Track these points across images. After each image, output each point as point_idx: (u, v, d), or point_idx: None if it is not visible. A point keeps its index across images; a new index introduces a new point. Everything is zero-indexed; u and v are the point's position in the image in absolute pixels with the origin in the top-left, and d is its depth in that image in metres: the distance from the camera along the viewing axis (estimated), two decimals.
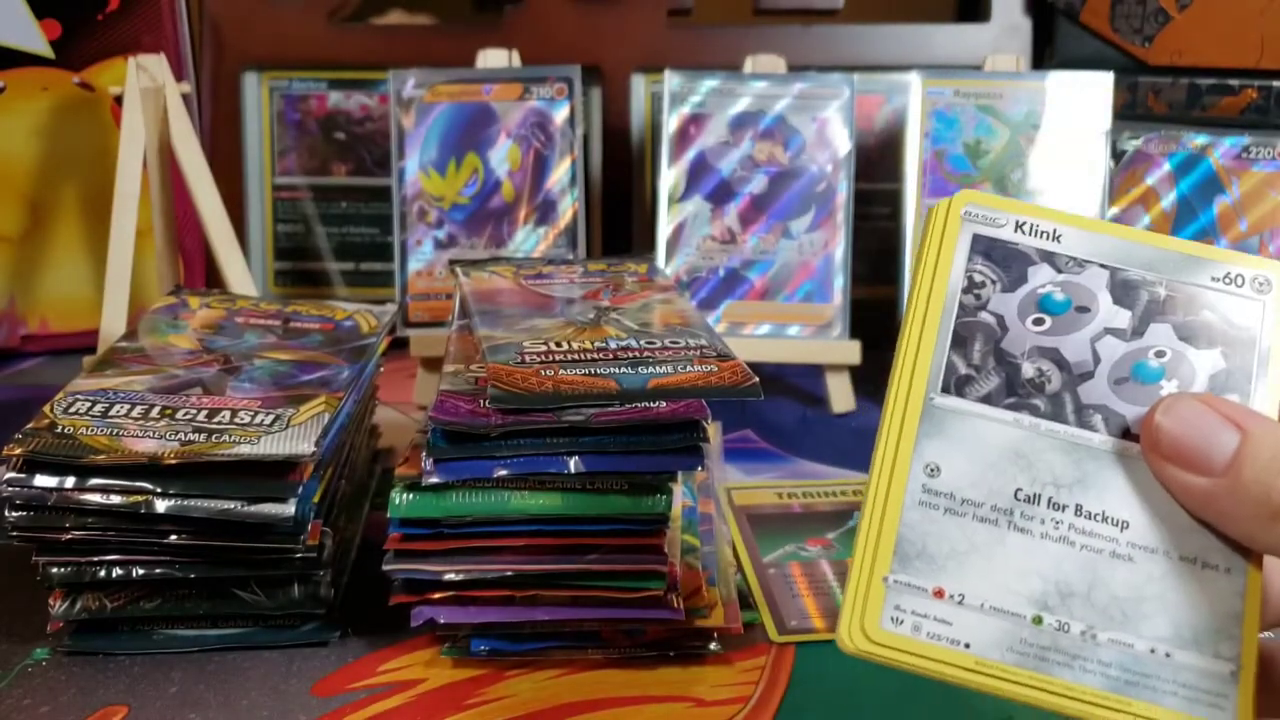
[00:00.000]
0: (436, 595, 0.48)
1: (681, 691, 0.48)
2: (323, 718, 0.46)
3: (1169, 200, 0.78)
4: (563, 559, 0.48)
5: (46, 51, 0.85)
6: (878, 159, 0.90)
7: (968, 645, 0.31)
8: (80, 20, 0.85)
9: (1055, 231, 0.36)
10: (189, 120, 0.77)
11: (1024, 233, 0.36)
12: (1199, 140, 0.78)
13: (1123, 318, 0.35)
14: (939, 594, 0.32)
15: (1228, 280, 0.35)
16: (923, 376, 0.34)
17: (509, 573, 0.47)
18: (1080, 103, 0.78)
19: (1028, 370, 0.34)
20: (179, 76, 0.80)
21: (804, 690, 0.48)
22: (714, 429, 0.72)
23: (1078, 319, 0.35)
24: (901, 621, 0.32)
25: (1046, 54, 0.90)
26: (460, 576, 0.47)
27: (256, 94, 0.94)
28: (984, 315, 0.35)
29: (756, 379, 0.48)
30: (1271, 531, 0.30)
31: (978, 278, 0.35)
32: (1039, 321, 0.35)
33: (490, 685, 0.48)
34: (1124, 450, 0.33)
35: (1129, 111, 0.82)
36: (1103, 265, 0.35)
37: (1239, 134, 0.77)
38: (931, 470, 0.33)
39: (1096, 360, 0.34)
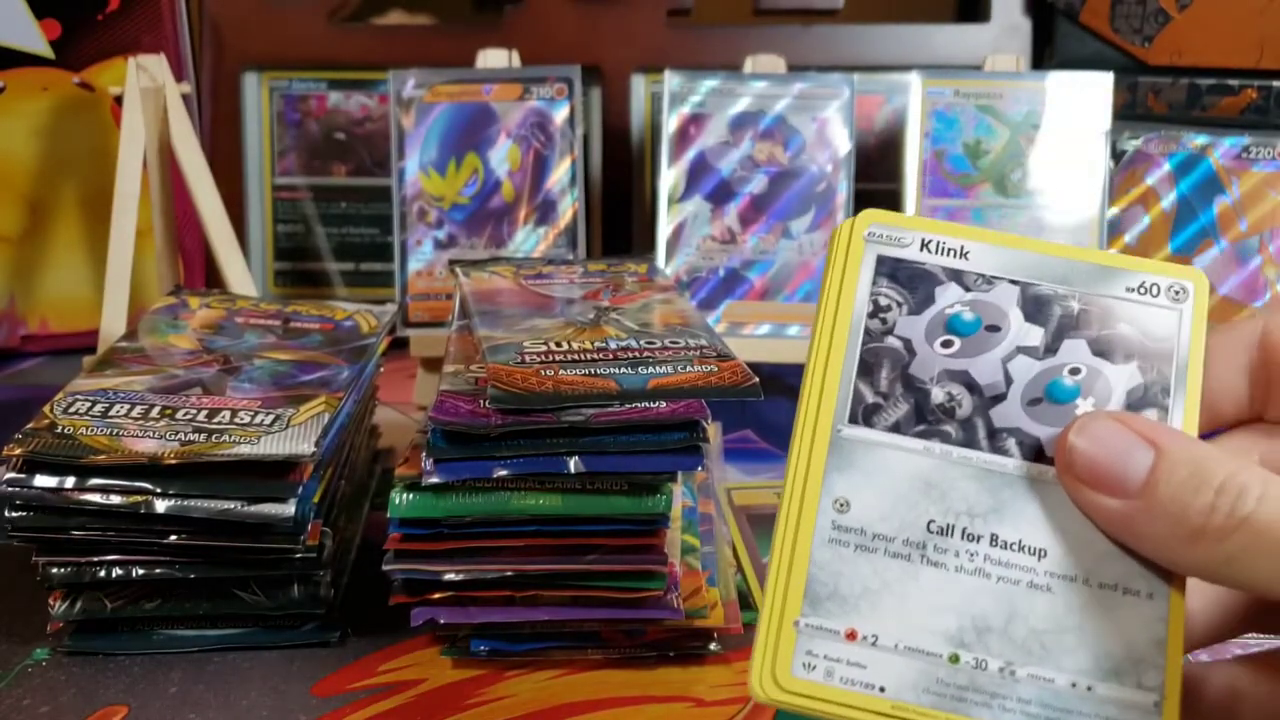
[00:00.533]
0: (436, 595, 0.48)
1: (681, 691, 0.48)
2: (323, 718, 0.46)
3: (1169, 200, 0.78)
4: (563, 559, 0.48)
5: (46, 51, 0.85)
6: (878, 159, 0.90)
7: (883, 689, 0.30)
8: (80, 20, 0.85)
9: (963, 248, 0.34)
10: (189, 120, 0.77)
11: (930, 251, 0.34)
12: (1199, 140, 0.78)
13: (1035, 335, 0.33)
14: (851, 636, 0.30)
15: (1143, 290, 0.33)
16: (829, 407, 0.32)
17: (509, 573, 0.47)
18: (1080, 103, 0.78)
19: (937, 395, 0.33)
20: (179, 76, 0.80)
21: None
22: (714, 429, 0.72)
23: (988, 339, 0.33)
24: (813, 667, 0.30)
25: (1046, 54, 0.90)
26: (460, 576, 0.47)
27: (256, 94, 0.94)
28: (890, 340, 0.33)
29: (756, 379, 0.48)
30: (1190, 552, 0.29)
31: (883, 301, 0.33)
32: (948, 343, 0.33)
33: (490, 685, 0.48)
34: (1039, 475, 0.32)
35: (1129, 111, 0.82)
36: (1013, 281, 0.33)
37: (1239, 134, 0.77)
38: (841, 505, 0.31)
39: (1009, 381, 0.33)
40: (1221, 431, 0.34)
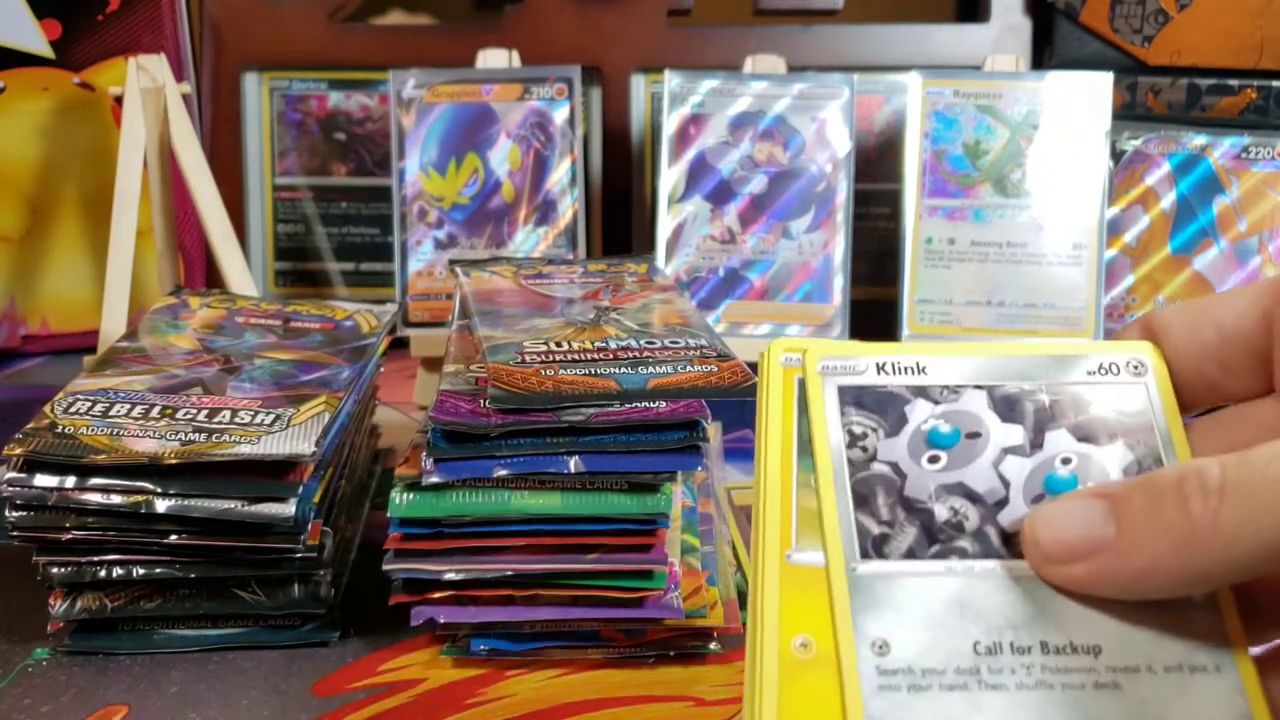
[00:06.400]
0: (436, 595, 0.48)
1: (681, 691, 0.48)
2: (322, 718, 0.46)
3: (1168, 200, 0.78)
4: (563, 559, 0.48)
5: (46, 51, 0.85)
6: (878, 159, 0.90)
7: None
8: (80, 20, 0.85)
9: (919, 365, 0.34)
10: (189, 120, 0.77)
11: (888, 373, 0.34)
12: (1199, 140, 0.78)
13: (1016, 434, 0.33)
14: None
15: (1103, 371, 0.33)
16: (836, 546, 0.31)
17: (509, 572, 0.47)
18: (1080, 103, 0.78)
19: (941, 512, 0.31)
20: (179, 76, 0.80)
21: None
22: (714, 429, 0.71)
23: (972, 447, 0.32)
24: None
25: (1046, 54, 0.90)
26: (460, 576, 0.47)
27: (256, 94, 0.94)
28: (877, 466, 0.32)
29: (756, 379, 0.48)
30: (1195, 556, 0.28)
31: (857, 430, 0.33)
32: (934, 459, 0.32)
33: (490, 685, 0.48)
34: None
35: (1129, 111, 0.82)
36: (977, 386, 0.33)
37: (1239, 134, 0.77)
38: (880, 647, 0.29)
39: (1006, 483, 0.32)
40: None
